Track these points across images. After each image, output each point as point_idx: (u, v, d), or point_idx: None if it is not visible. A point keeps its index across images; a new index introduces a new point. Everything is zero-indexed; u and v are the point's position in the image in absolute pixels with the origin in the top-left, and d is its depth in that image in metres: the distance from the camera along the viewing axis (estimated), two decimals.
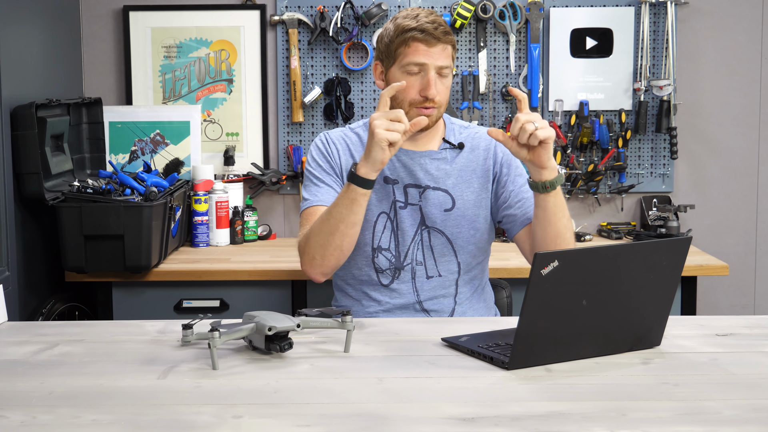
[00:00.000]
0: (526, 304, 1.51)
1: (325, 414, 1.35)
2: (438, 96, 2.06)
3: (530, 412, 1.36)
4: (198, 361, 1.62)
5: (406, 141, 2.16)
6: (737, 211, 3.43)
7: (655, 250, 1.62)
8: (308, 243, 2.07)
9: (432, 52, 2.04)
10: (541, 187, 1.96)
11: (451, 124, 2.21)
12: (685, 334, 1.79)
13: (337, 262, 2.06)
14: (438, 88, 2.06)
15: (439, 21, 2.06)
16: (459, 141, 2.18)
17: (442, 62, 2.05)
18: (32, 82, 2.74)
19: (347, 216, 1.99)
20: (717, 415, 1.35)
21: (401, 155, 2.15)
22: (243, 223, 3.20)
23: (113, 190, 2.74)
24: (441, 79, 2.07)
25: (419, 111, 2.07)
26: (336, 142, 2.19)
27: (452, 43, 2.08)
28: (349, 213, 1.98)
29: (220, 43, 3.33)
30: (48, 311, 2.68)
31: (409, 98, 2.07)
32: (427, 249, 2.14)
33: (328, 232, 2.01)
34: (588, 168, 3.32)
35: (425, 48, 2.04)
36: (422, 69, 2.05)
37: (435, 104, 2.07)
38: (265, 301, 2.78)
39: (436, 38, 2.04)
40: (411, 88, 2.06)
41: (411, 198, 2.14)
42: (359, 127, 2.22)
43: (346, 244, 2.03)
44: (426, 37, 2.04)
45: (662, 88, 3.26)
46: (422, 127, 1.99)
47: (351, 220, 1.99)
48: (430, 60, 2.04)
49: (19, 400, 1.43)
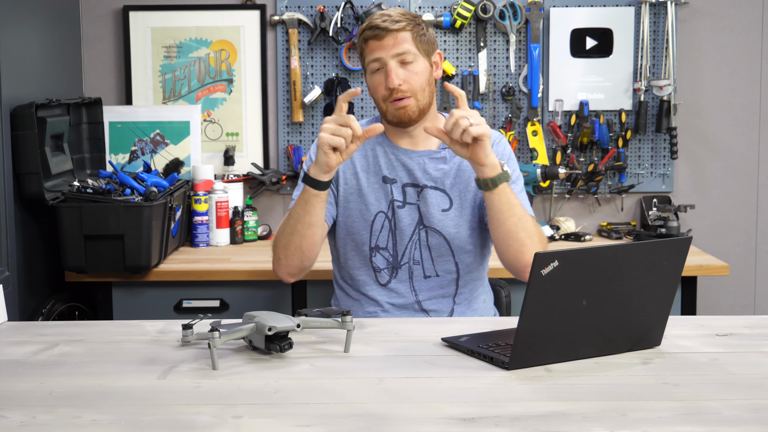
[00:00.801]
0: (526, 304, 1.51)
1: (325, 414, 1.35)
2: (404, 84, 2.06)
3: (530, 412, 1.36)
4: (198, 361, 1.62)
5: (404, 139, 2.16)
6: (737, 211, 3.43)
7: (655, 250, 1.62)
8: (275, 242, 2.12)
9: (384, 44, 2.06)
10: (483, 185, 1.96)
11: None
12: (685, 334, 1.79)
13: (301, 263, 2.08)
14: (402, 75, 2.06)
15: (392, 13, 2.07)
16: None
17: (398, 49, 2.05)
18: (32, 82, 2.74)
19: (303, 216, 2.01)
20: (717, 415, 1.35)
21: (400, 155, 2.15)
22: (243, 223, 3.20)
23: (113, 190, 2.74)
24: (405, 67, 2.06)
25: (393, 105, 2.07)
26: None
27: (407, 29, 2.06)
28: (305, 213, 2.01)
29: (220, 43, 3.33)
30: (48, 311, 2.68)
31: (381, 96, 2.09)
32: (424, 249, 2.14)
33: (288, 232, 2.06)
34: (588, 168, 3.32)
35: (377, 43, 2.06)
36: (381, 63, 2.07)
37: (404, 93, 2.07)
38: (265, 301, 2.78)
39: (384, 29, 2.05)
40: (380, 86, 2.08)
41: (409, 197, 2.14)
42: (362, 125, 2.22)
43: (305, 245, 2.05)
44: (375, 32, 2.06)
45: (662, 88, 3.26)
46: (378, 133, 1.96)
47: (306, 221, 2.02)
48: (384, 52, 2.05)
49: (19, 400, 1.43)
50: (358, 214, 2.15)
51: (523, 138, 3.34)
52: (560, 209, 3.40)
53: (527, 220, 2.00)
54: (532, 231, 2.00)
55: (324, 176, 1.97)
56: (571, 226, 3.28)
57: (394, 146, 2.16)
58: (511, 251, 2.01)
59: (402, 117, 2.09)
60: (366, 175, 2.16)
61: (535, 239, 2.00)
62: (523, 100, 3.34)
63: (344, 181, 2.16)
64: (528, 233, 1.99)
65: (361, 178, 2.15)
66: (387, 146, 2.17)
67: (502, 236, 2.00)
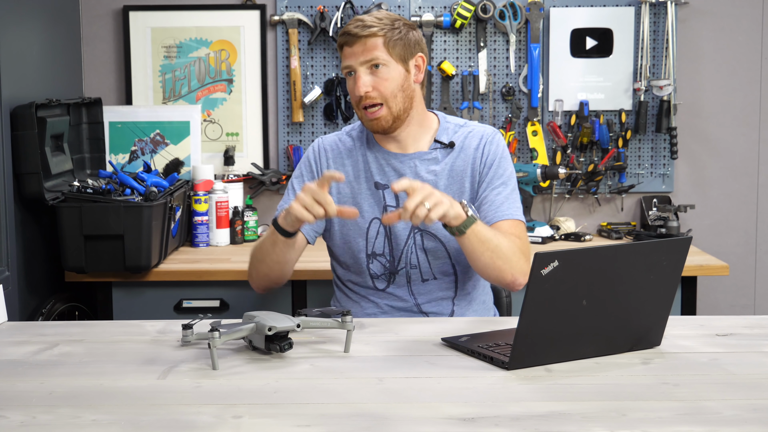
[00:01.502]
0: (526, 304, 1.51)
1: (325, 414, 1.35)
2: (373, 91, 2.04)
3: (530, 412, 1.36)
4: (198, 361, 1.62)
5: (392, 144, 2.14)
6: (737, 211, 3.43)
7: (655, 250, 1.62)
8: (250, 256, 2.12)
9: (354, 51, 2.04)
10: (451, 233, 1.95)
11: (445, 123, 2.17)
12: (685, 334, 1.79)
13: (270, 284, 2.10)
14: (369, 82, 2.04)
15: (365, 19, 2.04)
16: (450, 140, 2.15)
17: (366, 56, 2.03)
18: (32, 82, 2.74)
19: (270, 253, 2.02)
20: (717, 415, 1.35)
21: (391, 159, 2.13)
22: (243, 223, 3.20)
23: (113, 190, 2.74)
24: (375, 73, 2.04)
25: (366, 114, 2.06)
26: (328, 149, 2.19)
27: (378, 35, 2.03)
28: (272, 252, 2.02)
29: (220, 43, 3.33)
30: (48, 311, 2.68)
31: (354, 101, 2.08)
32: (420, 252, 2.13)
33: (258, 258, 2.07)
34: (588, 168, 3.32)
35: (349, 49, 2.05)
36: (352, 70, 2.06)
37: (373, 99, 2.04)
38: (265, 301, 2.78)
39: (354, 36, 2.03)
40: (352, 92, 2.07)
41: (402, 202, 2.12)
42: (356, 129, 2.21)
43: (273, 275, 2.06)
44: (347, 38, 2.05)
45: (662, 88, 3.26)
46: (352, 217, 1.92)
47: (273, 259, 2.03)
48: (353, 60, 2.04)
49: (19, 400, 1.43)
50: (353, 223, 2.13)
51: (523, 138, 3.34)
52: (560, 209, 3.40)
53: (501, 248, 1.97)
54: (508, 255, 1.98)
55: (292, 230, 1.97)
56: (571, 226, 3.28)
57: (384, 151, 2.14)
58: (492, 277, 2.03)
59: (375, 127, 2.08)
60: (358, 182, 2.14)
61: (512, 261, 1.98)
62: (523, 100, 3.34)
63: (337, 191, 2.14)
64: (504, 259, 1.97)
65: (353, 186, 2.14)
66: (377, 151, 2.15)
67: (480, 268, 2.01)
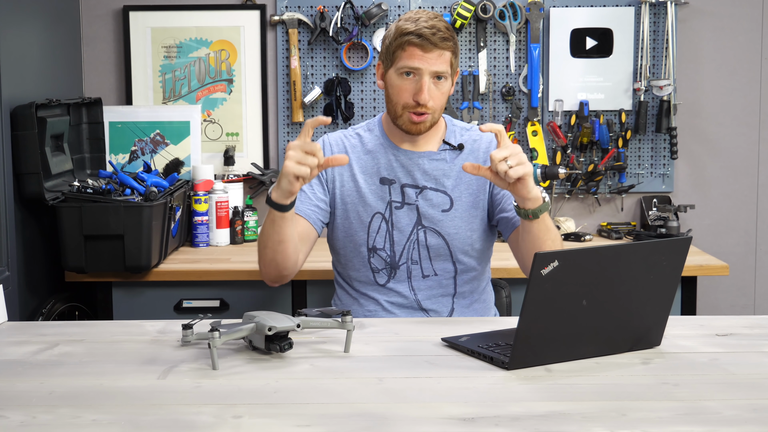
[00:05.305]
0: (526, 304, 1.51)
1: (325, 414, 1.36)
2: (431, 101, 2.05)
3: (530, 412, 1.36)
4: (198, 361, 1.62)
5: (404, 142, 2.16)
6: (737, 211, 3.43)
7: (655, 250, 1.62)
8: (257, 249, 2.11)
9: (427, 57, 2.04)
10: (524, 215, 1.95)
11: (452, 125, 2.21)
12: (685, 334, 1.79)
13: (278, 273, 2.08)
14: (432, 93, 2.05)
15: (440, 26, 2.05)
16: (459, 143, 2.18)
17: (438, 68, 2.04)
18: (32, 82, 2.74)
19: (272, 234, 2.01)
20: (717, 415, 1.35)
21: (400, 155, 2.15)
22: (243, 223, 3.20)
23: (113, 190, 2.74)
24: (436, 84, 2.06)
25: (411, 116, 2.07)
26: (333, 145, 2.19)
27: (451, 49, 2.06)
28: (273, 232, 2.01)
29: (220, 43, 3.33)
30: (48, 311, 2.68)
31: (403, 101, 2.07)
32: (422, 248, 2.14)
33: (262, 245, 2.06)
34: (588, 168, 3.32)
35: (421, 53, 2.04)
36: (417, 73, 2.05)
37: (428, 110, 2.06)
38: (265, 301, 2.78)
39: (432, 44, 2.03)
40: (405, 92, 2.06)
41: (408, 198, 2.14)
42: (361, 128, 2.22)
43: (279, 259, 2.04)
44: (422, 42, 2.03)
45: (662, 88, 3.26)
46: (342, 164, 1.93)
47: (275, 239, 2.01)
48: (425, 65, 2.04)
49: (19, 400, 1.43)
50: (356, 216, 2.14)
51: (523, 138, 3.34)
52: (560, 209, 3.40)
53: (558, 239, 2.01)
54: (559, 247, 2.01)
55: (286, 200, 1.94)
56: (571, 226, 3.28)
57: (395, 147, 2.16)
58: None
59: (414, 130, 2.10)
60: (364, 176, 2.16)
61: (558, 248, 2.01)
62: (523, 100, 3.34)
63: (341, 184, 2.15)
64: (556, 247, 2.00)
65: (359, 180, 2.15)
66: (387, 147, 2.17)
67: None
